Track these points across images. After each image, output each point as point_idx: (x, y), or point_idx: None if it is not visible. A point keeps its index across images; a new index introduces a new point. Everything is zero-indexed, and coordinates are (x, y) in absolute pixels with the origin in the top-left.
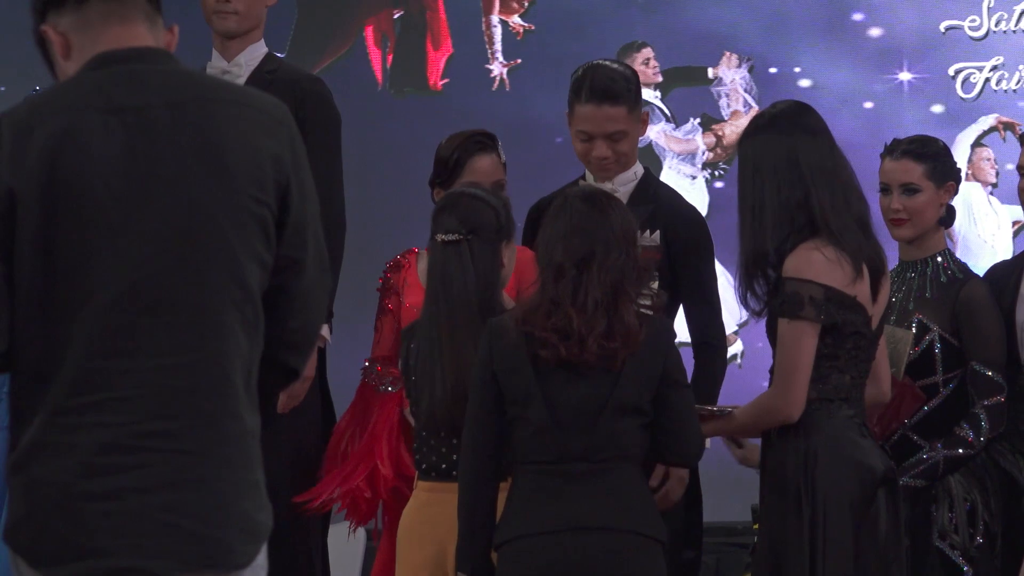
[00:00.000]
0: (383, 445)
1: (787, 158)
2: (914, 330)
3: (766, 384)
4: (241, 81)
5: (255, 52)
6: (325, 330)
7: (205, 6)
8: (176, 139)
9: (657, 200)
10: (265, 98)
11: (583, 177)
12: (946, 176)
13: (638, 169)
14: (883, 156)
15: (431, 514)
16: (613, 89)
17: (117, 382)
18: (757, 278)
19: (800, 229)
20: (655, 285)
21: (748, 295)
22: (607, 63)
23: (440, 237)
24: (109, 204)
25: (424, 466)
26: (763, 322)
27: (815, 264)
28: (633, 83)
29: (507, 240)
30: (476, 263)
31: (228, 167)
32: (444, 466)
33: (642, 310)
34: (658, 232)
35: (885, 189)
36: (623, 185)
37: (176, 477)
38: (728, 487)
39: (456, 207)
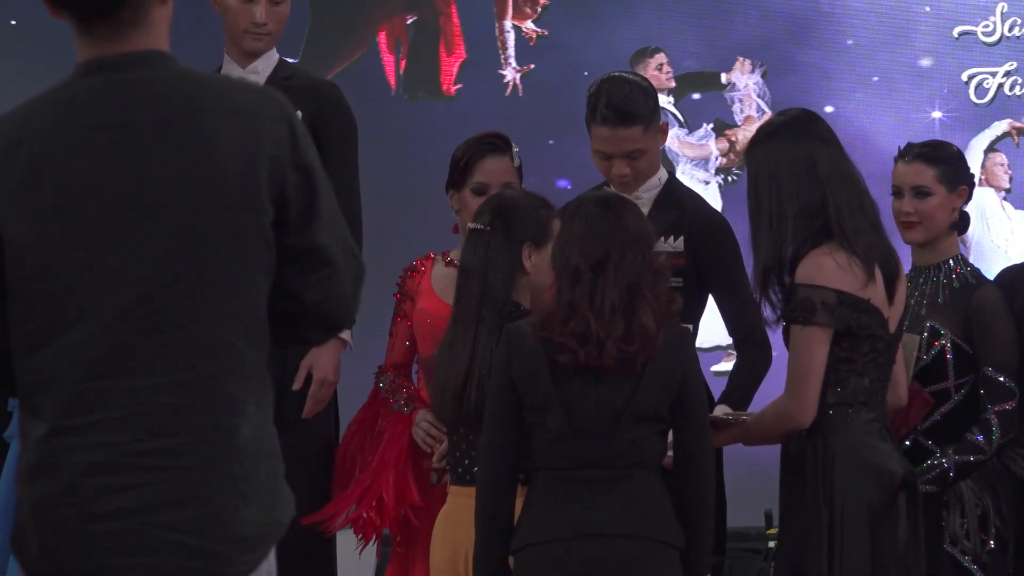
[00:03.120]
0: (390, 472)
1: (804, 163)
2: (926, 335)
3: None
4: None
5: (269, 59)
6: (347, 334)
7: (235, 25)
8: (163, 155)
9: (681, 206)
10: (259, 97)
11: (607, 183)
12: (958, 180)
13: (662, 175)
14: (896, 160)
15: (452, 518)
16: (629, 110)
17: (113, 402)
18: (773, 285)
19: (817, 232)
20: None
21: (764, 303)
22: (622, 77)
23: (470, 225)
24: (98, 224)
25: (460, 470)
26: (777, 329)
27: (826, 269)
28: (650, 98)
29: (533, 243)
30: (494, 254)
31: (218, 180)
32: (460, 470)
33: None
34: (681, 238)
35: (897, 192)
36: (647, 191)
37: (177, 495)
38: (742, 493)
39: (492, 203)
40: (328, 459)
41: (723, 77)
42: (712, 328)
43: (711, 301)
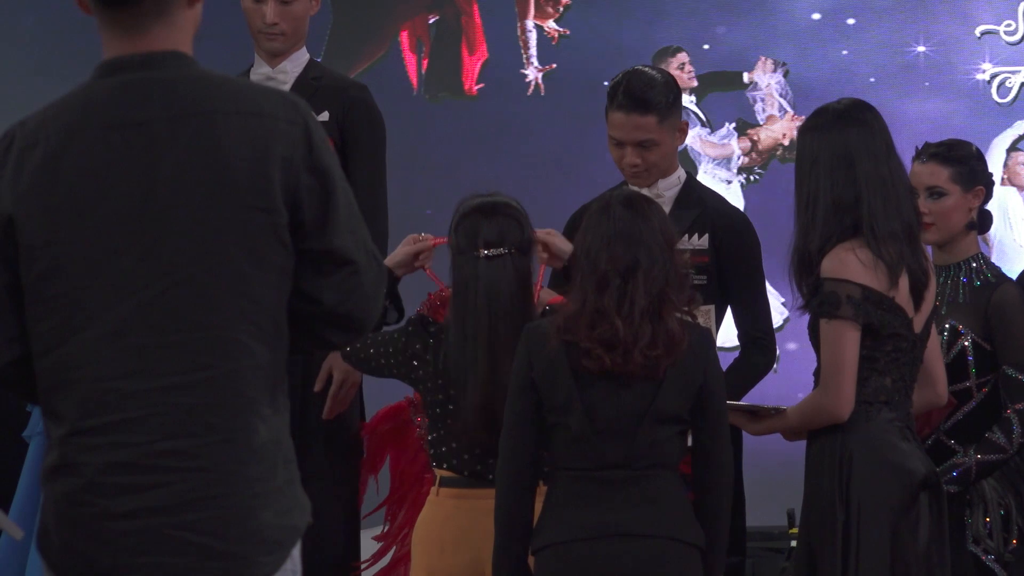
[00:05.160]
0: None
1: (845, 157)
2: (946, 335)
3: (798, 389)
4: (286, 88)
5: (299, 59)
6: None
7: (251, 26)
8: (177, 155)
9: (703, 203)
10: (274, 100)
11: (626, 182)
12: (974, 180)
13: (681, 173)
14: (913, 160)
15: (463, 521)
16: (645, 98)
17: (129, 403)
18: (805, 274)
19: (845, 230)
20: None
21: (802, 287)
22: (646, 69)
23: (483, 252)
24: (111, 224)
25: (456, 472)
26: (786, 326)
27: (850, 265)
28: (670, 92)
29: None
30: (519, 275)
31: (230, 181)
32: (466, 472)
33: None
34: (706, 236)
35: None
36: (667, 189)
37: (193, 495)
38: (764, 492)
39: (491, 219)
40: (355, 462)
41: (745, 76)
42: (734, 328)
43: None
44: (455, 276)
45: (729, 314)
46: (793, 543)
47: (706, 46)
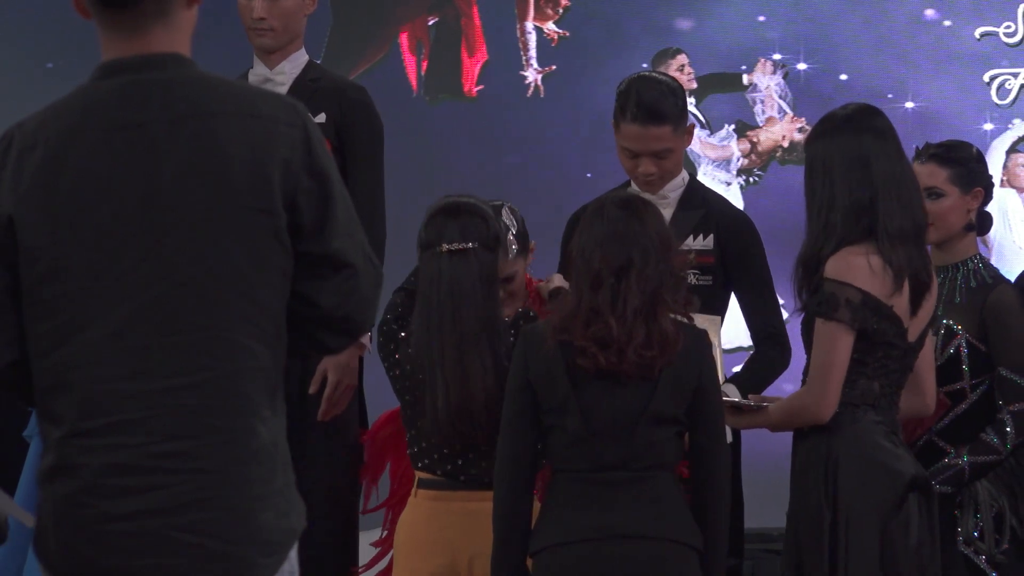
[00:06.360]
0: None
1: (859, 159)
2: (941, 335)
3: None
4: (284, 89)
5: (297, 60)
6: (365, 338)
7: (243, 20)
8: (177, 157)
9: (707, 204)
10: (274, 102)
11: (629, 183)
12: (973, 182)
13: (684, 175)
14: (913, 160)
15: (440, 523)
16: (659, 109)
17: (130, 404)
18: (808, 279)
19: (861, 232)
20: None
21: (802, 291)
22: (652, 76)
23: (445, 247)
24: (112, 225)
25: (430, 472)
26: (796, 319)
27: (855, 269)
28: (679, 99)
29: (503, 250)
30: (483, 269)
31: (230, 183)
32: (439, 472)
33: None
34: (711, 236)
35: None
36: (672, 191)
37: (194, 496)
38: (763, 493)
39: (456, 218)
40: (354, 466)
41: (745, 78)
42: (735, 330)
43: (734, 300)
44: (420, 273)
45: (737, 314)
46: None
47: (705, 48)
